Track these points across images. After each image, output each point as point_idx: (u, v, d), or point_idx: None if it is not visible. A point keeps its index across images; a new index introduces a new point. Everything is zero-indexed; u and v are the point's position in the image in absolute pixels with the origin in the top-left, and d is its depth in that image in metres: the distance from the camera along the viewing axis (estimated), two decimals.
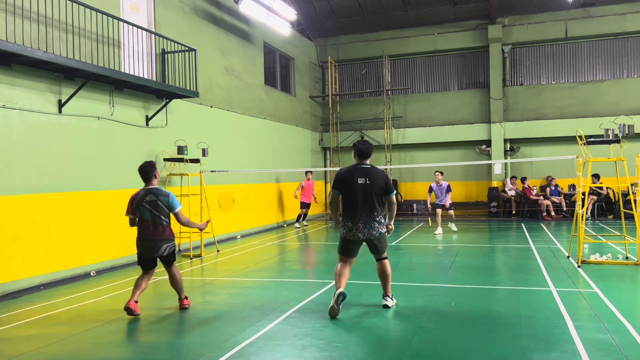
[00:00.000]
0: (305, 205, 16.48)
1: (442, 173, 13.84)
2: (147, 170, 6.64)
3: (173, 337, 5.46)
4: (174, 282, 6.57)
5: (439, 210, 13.93)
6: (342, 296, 5.93)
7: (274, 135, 16.80)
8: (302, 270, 9.23)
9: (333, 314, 5.87)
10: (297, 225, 16.49)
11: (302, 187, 16.34)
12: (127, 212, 6.50)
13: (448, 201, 13.71)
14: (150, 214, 6.38)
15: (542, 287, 7.27)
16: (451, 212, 14.06)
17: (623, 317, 5.62)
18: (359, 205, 6.04)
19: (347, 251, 6.21)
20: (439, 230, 13.85)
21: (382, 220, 6.20)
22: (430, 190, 13.91)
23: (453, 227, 14.15)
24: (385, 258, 6.34)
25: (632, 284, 7.52)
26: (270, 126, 16.55)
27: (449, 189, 13.73)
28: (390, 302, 6.37)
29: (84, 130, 9.17)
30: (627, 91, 17.81)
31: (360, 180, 6.06)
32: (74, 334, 5.60)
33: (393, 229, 6.39)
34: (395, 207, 6.31)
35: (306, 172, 16.61)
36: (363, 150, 6.24)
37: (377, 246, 6.21)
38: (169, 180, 11.25)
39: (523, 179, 17.80)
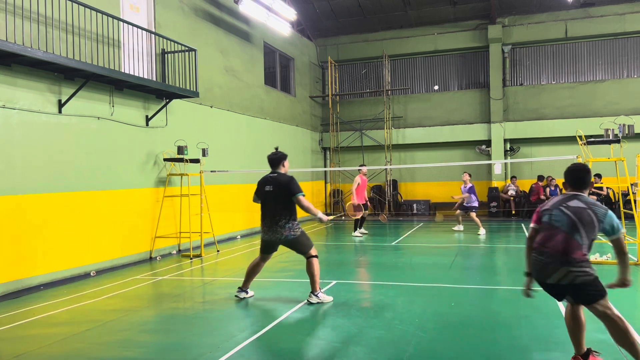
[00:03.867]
0: (360, 208, 13.47)
1: (470, 175, 14.14)
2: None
3: (173, 337, 5.46)
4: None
5: (458, 211, 14.24)
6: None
7: (274, 135, 16.79)
8: (302, 270, 9.21)
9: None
10: (356, 234, 13.77)
11: (359, 184, 13.63)
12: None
13: (467, 200, 13.88)
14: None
15: None
16: (472, 214, 14.01)
17: (623, 317, 5.61)
18: (265, 210, 6.76)
19: (262, 249, 6.96)
20: (459, 227, 14.21)
21: (290, 225, 6.57)
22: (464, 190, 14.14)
23: (480, 231, 13.80)
24: (310, 257, 6.67)
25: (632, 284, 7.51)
26: (270, 126, 16.55)
27: (471, 190, 13.88)
28: (313, 299, 6.57)
29: (83, 130, 9.17)
30: (627, 91, 17.81)
31: (267, 188, 6.69)
32: (74, 334, 5.60)
33: (326, 220, 6.85)
34: (306, 206, 6.50)
35: (361, 166, 14.18)
36: (269, 159, 6.88)
37: (294, 248, 6.71)
38: (169, 180, 11.26)
39: (540, 178, 17.61)
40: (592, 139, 9.05)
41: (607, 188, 16.80)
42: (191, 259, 10.57)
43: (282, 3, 15.47)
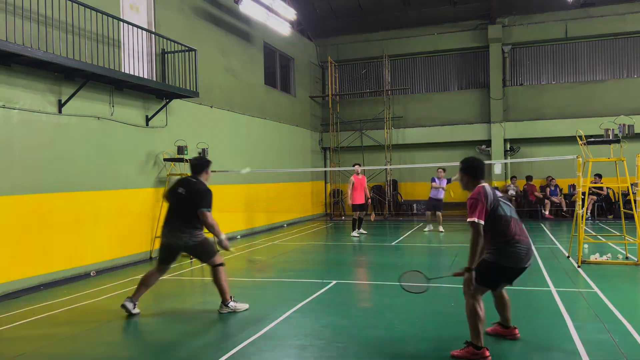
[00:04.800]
0: (358, 208, 13.60)
1: (444, 170, 14.15)
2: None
3: (173, 337, 5.45)
4: None
5: (428, 212, 14.53)
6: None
7: (274, 135, 16.80)
8: (302, 270, 9.23)
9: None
10: (354, 234, 13.68)
11: (353, 184, 13.54)
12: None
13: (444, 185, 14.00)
14: None
15: (542, 287, 7.27)
16: (439, 214, 14.21)
17: (623, 317, 5.62)
18: (170, 212, 6.36)
19: (160, 257, 6.44)
20: (429, 227, 14.35)
21: (190, 231, 6.12)
22: (433, 180, 14.19)
23: (440, 228, 14.16)
24: (215, 265, 6.23)
25: (632, 284, 7.52)
26: (270, 126, 16.55)
27: (449, 181, 13.97)
28: (224, 310, 6.25)
29: (84, 130, 9.17)
30: (627, 91, 17.81)
31: (180, 190, 6.29)
32: (74, 334, 5.60)
33: (227, 246, 6.23)
34: (210, 223, 6.06)
35: (354, 165, 14.09)
36: (191, 164, 6.56)
37: (196, 256, 6.40)
38: (169, 180, 11.26)
39: (528, 178, 17.79)
40: (592, 139, 9.05)
41: (607, 188, 16.79)
42: (191, 259, 10.56)
43: (282, 3, 15.46)
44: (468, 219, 4.54)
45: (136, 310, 6.27)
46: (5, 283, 7.65)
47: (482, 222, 4.47)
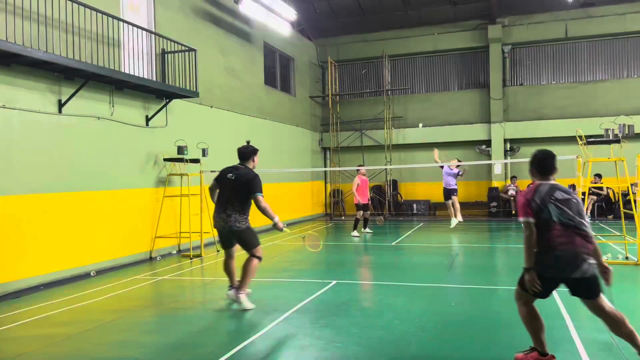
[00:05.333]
0: (362, 207, 13.71)
1: (459, 161, 14.24)
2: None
3: (173, 337, 5.46)
4: None
5: (448, 202, 14.31)
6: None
7: (274, 135, 16.80)
8: (302, 270, 9.23)
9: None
10: (354, 234, 13.71)
11: (358, 185, 13.58)
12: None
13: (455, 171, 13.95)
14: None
15: None
16: (455, 199, 14.09)
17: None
18: (220, 197, 6.59)
19: (220, 243, 6.83)
20: (454, 221, 14.17)
21: (236, 217, 6.40)
22: (442, 167, 14.22)
23: (458, 216, 14.09)
24: (253, 255, 6.52)
25: (632, 284, 7.52)
26: (270, 126, 16.55)
27: (459, 174, 14.08)
28: (232, 295, 6.53)
29: (84, 130, 9.17)
30: (627, 91, 17.81)
31: (229, 175, 6.58)
32: (74, 334, 5.60)
33: (282, 227, 6.62)
34: (263, 207, 6.36)
35: (359, 167, 14.24)
36: (239, 152, 6.91)
37: (239, 242, 6.63)
38: (169, 180, 11.26)
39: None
40: (592, 139, 9.05)
41: (607, 188, 16.80)
42: (191, 259, 10.57)
43: (282, 3, 15.46)
44: (518, 218, 4.33)
45: (248, 290, 6.56)
46: (5, 283, 7.66)
47: (531, 219, 4.17)
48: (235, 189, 6.40)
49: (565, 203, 4.27)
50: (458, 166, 14.08)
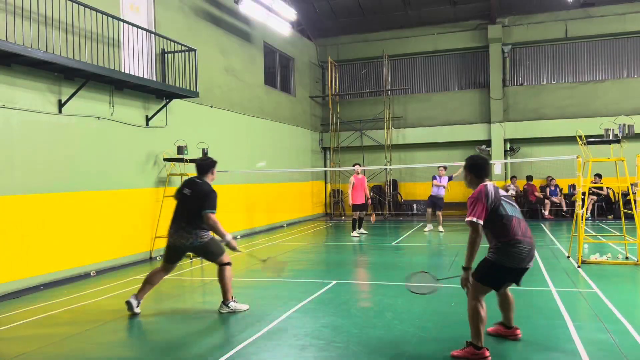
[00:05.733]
0: (358, 208, 13.66)
1: (445, 168, 14.18)
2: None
3: (173, 337, 5.46)
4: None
5: (429, 210, 14.38)
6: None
7: (274, 135, 16.80)
8: (302, 270, 9.23)
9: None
10: (354, 234, 13.67)
11: (353, 184, 13.60)
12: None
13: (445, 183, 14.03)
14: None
15: (542, 287, 7.27)
16: (439, 213, 14.19)
17: (623, 317, 5.62)
18: (176, 213, 6.33)
19: (166, 257, 6.46)
20: (429, 226, 14.25)
21: (197, 232, 6.16)
22: (434, 178, 14.22)
23: (440, 228, 14.13)
24: (222, 264, 6.29)
25: (632, 284, 7.52)
26: (270, 126, 16.55)
27: (450, 178, 14.05)
28: (224, 309, 6.26)
29: (84, 130, 9.17)
30: (627, 91, 17.81)
31: (185, 191, 6.30)
32: (74, 334, 5.60)
33: (234, 245, 6.17)
34: (212, 225, 6.07)
35: (354, 165, 14.15)
36: (197, 165, 6.46)
37: (203, 255, 6.45)
38: (169, 180, 11.26)
39: (529, 178, 17.79)
40: (592, 139, 9.05)
41: (607, 188, 16.80)
42: (191, 259, 10.56)
43: (282, 3, 15.46)
44: (467, 218, 4.54)
45: (138, 310, 6.26)
46: (5, 283, 7.66)
47: (481, 222, 4.47)
48: (192, 205, 6.13)
49: (510, 199, 4.75)
50: (446, 172, 14.16)
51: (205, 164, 6.42)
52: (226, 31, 14.16)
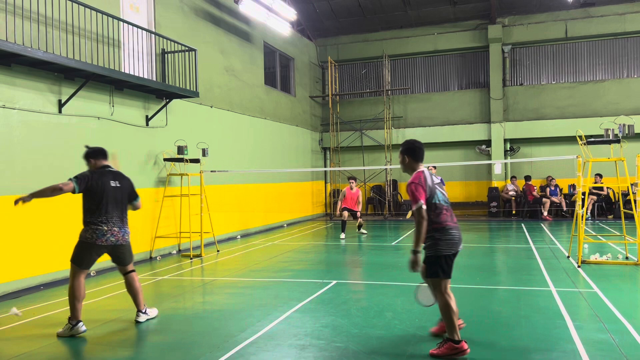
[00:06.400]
0: (347, 209, 13.65)
1: (435, 167, 14.01)
2: None
3: (173, 337, 5.46)
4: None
5: None
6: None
7: (274, 135, 16.80)
8: (302, 270, 9.22)
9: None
10: (342, 236, 13.50)
11: (344, 195, 13.72)
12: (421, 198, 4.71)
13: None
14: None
15: (542, 287, 7.27)
16: None
17: (623, 317, 5.62)
18: (110, 208, 5.81)
19: (89, 259, 5.78)
20: None
21: (127, 229, 5.89)
22: None
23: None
24: (131, 271, 5.99)
25: (632, 284, 7.52)
26: (270, 126, 16.55)
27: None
28: (142, 318, 5.94)
29: (84, 130, 9.17)
30: (627, 91, 17.81)
31: (113, 184, 5.86)
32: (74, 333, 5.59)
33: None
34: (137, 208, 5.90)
35: (349, 179, 14.10)
36: (100, 151, 5.95)
37: (123, 255, 5.92)
38: (169, 180, 11.26)
39: (527, 177, 17.79)
40: (592, 139, 9.05)
41: (607, 188, 16.80)
42: (191, 259, 10.57)
43: (282, 3, 15.47)
44: (413, 206, 4.63)
45: (84, 328, 5.62)
46: (5, 283, 7.66)
47: (425, 206, 4.60)
48: (123, 198, 5.81)
49: (442, 186, 4.93)
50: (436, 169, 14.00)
51: (105, 151, 6.03)
52: (226, 31, 14.16)
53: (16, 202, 5.32)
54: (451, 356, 4.54)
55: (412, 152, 4.90)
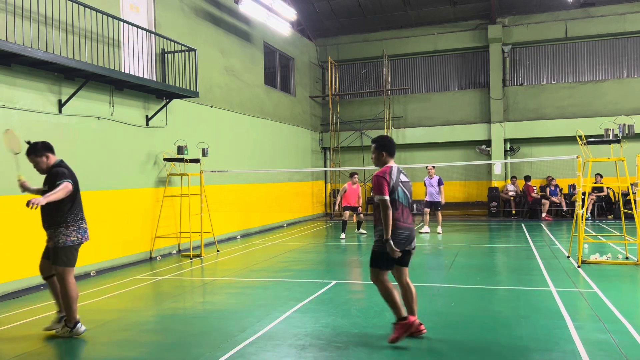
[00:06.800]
0: (349, 208, 13.66)
1: (434, 167, 14.01)
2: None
3: (173, 337, 5.46)
4: None
5: (427, 210, 14.06)
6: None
7: (274, 135, 16.80)
8: (302, 270, 9.22)
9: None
10: (342, 237, 13.49)
11: (345, 191, 13.65)
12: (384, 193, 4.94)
13: (443, 199, 13.74)
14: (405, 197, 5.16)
15: (542, 287, 7.27)
16: (438, 213, 13.90)
17: (623, 317, 5.62)
18: (80, 205, 5.68)
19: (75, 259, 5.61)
20: (426, 229, 13.98)
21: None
22: (425, 184, 14.02)
23: (439, 229, 13.90)
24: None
25: (632, 284, 7.52)
26: (270, 126, 16.55)
27: (440, 182, 13.79)
28: (67, 331, 5.45)
29: (84, 130, 9.17)
30: (627, 91, 17.81)
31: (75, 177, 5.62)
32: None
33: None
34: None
35: (351, 175, 13.96)
36: (49, 146, 5.66)
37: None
38: (169, 180, 11.26)
39: (527, 178, 17.78)
40: (592, 139, 9.05)
41: (607, 188, 16.80)
42: (191, 259, 10.57)
43: (282, 3, 15.47)
44: (376, 198, 4.94)
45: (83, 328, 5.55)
46: (5, 283, 7.65)
47: (388, 198, 4.89)
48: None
49: (407, 185, 5.15)
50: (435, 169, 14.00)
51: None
52: (226, 31, 14.16)
53: (29, 204, 5.00)
54: (406, 332, 4.94)
55: (389, 148, 5.19)
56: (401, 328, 4.94)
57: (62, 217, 5.51)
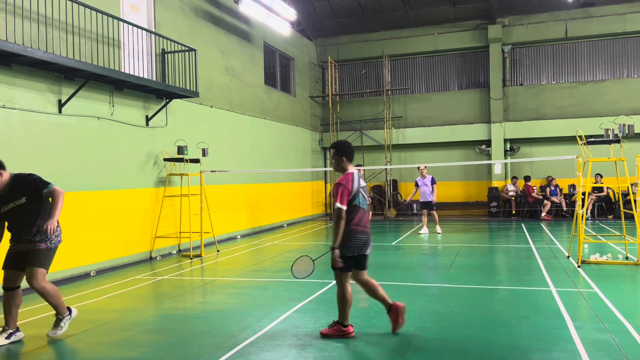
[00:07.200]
0: None
1: (425, 167, 13.94)
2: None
3: (173, 337, 5.46)
4: None
5: (424, 211, 14.02)
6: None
7: (274, 135, 16.80)
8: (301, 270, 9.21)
9: None
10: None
11: None
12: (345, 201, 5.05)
13: (434, 198, 13.67)
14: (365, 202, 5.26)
15: (542, 287, 7.27)
16: (434, 212, 13.83)
17: (623, 317, 5.62)
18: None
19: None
20: (425, 230, 13.91)
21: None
22: (417, 185, 13.94)
23: (438, 229, 13.86)
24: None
25: (632, 284, 7.52)
26: (270, 126, 16.55)
27: (433, 181, 13.71)
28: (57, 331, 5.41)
29: (84, 130, 9.17)
30: (627, 91, 17.82)
31: None
32: (74, 334, 5.60)
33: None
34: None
35: (357, 166, 14.29)
36: None
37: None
38: (169, 180, 11.26)
39: (527, 178, 17.77)
40: (592, 139, 9.05)
41: (607, 188, 16.80)
42: (191, 259, 10.57)
43: (282, 3, 15.47)
44: (336, 204, 4.98)
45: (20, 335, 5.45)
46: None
47: (345, 207, 4.96)
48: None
49: (365, 190, 5.21)
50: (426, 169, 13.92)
51: None
52: (226, 31, 14.16)
53: (47, 230, 5.12)
54: (338, 336, 5.15)
55: (348, 154, 5.22)
56: (338, 331, 5.20)
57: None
